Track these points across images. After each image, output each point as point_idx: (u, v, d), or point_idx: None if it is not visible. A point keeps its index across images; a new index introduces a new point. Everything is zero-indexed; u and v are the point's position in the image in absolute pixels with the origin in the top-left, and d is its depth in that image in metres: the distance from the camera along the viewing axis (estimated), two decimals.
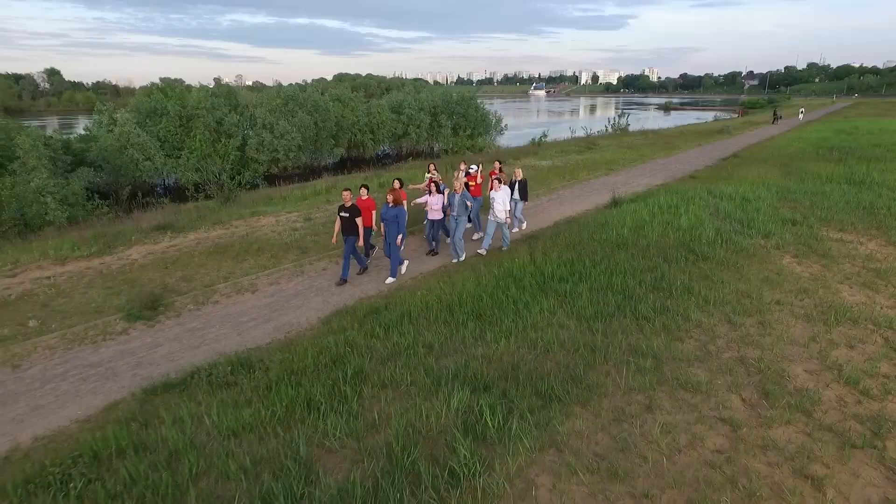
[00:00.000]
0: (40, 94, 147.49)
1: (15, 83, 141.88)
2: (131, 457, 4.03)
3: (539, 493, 3.45)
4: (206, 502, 3.52)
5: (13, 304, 7.84)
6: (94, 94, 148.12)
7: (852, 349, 5.28)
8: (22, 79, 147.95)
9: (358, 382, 4.87)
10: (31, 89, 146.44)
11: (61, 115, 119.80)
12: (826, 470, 3.60)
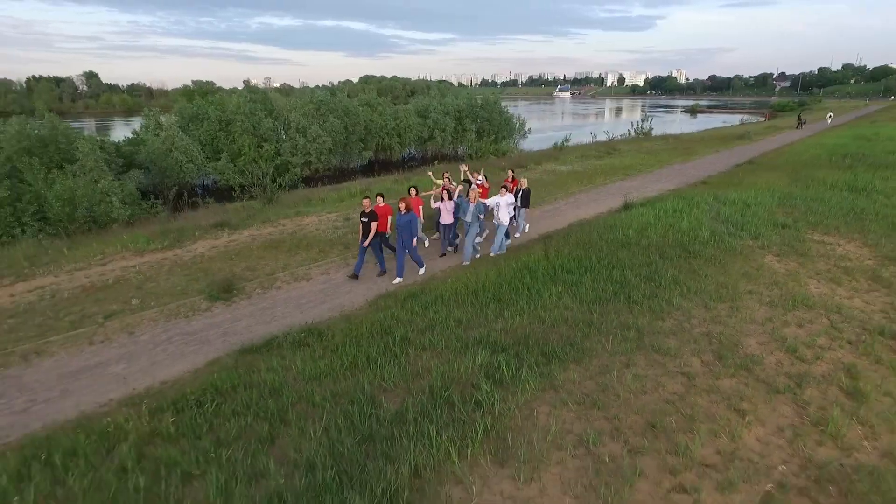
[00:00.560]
0: (79, 97, 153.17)
1: (56, 86, 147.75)
2: (242, 390, 5.55)
3: (539, 416, 4.84)
4: (302, 419, 5.00)
5: (112, 287, 9.52)
6: (129, 97, 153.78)
7: (800, 328, 6.54)
8: (62, 82, 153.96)
9: (404, 345, 6.33)
10: (71, 92, 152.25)
11: (98, 118, 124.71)
12: (752, 406, 4.92)
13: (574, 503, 3.83)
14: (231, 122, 34.21)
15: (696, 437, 4.46)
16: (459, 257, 10.63)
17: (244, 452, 4.48)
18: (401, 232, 9.40)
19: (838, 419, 4.71)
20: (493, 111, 50.79)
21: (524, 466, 4.15)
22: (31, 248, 12.25)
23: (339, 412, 4.99)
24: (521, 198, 12.06)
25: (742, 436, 4.53)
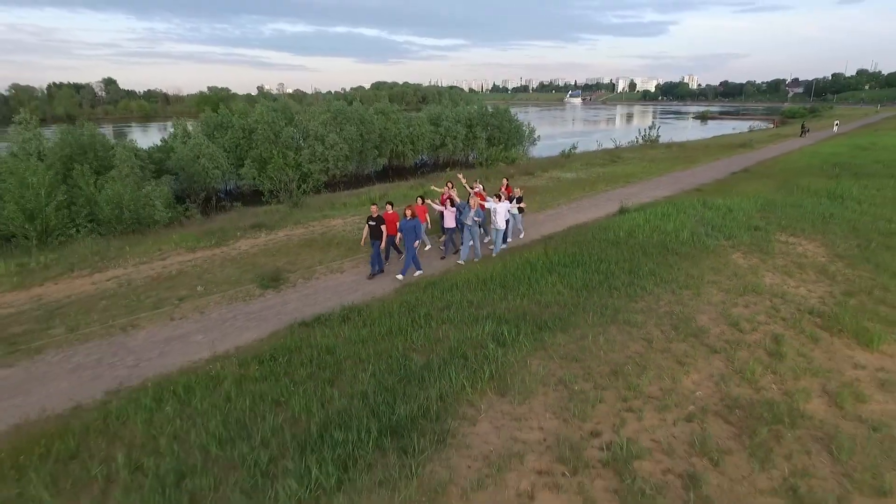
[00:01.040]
0: (97, 103, 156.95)
1: (76, 93, 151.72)
2: (304, 349, 7.24)
3: (531, 365, 6.48)
4: (352, 368, 6.67)
5: (177, 277, 11.30)
6: (146, 103, 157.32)
7: (746, 308, 8.12)
8: (82, 88, 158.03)
9: (427, 319, 8.00)
10: (90, 98, 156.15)
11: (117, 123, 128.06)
12: (693, 361, 6.52)
13: (553, 417, 5.47)
14: (253, 131, 36.21)
15: (646, 379, 6.08)
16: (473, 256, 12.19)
17: (314, 387, 6.17)
18: (406, 235, 10.92)
19: (756, 370, 6.31)
20: (504, 119, 52.50)
21: (518, 395, 5.80)
22: (95, 246, 14.13)
23: (381, 363, 6.67)
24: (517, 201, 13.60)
25: (681, 379, 6.14)
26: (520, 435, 5.18)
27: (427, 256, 12.37)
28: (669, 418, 5.47)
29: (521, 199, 13.40)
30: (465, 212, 11.74)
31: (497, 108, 53.61)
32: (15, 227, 17.83)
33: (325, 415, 5.54)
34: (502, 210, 11.87)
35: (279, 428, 5.40)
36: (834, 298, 8.56)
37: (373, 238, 11.05)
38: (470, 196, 12.04)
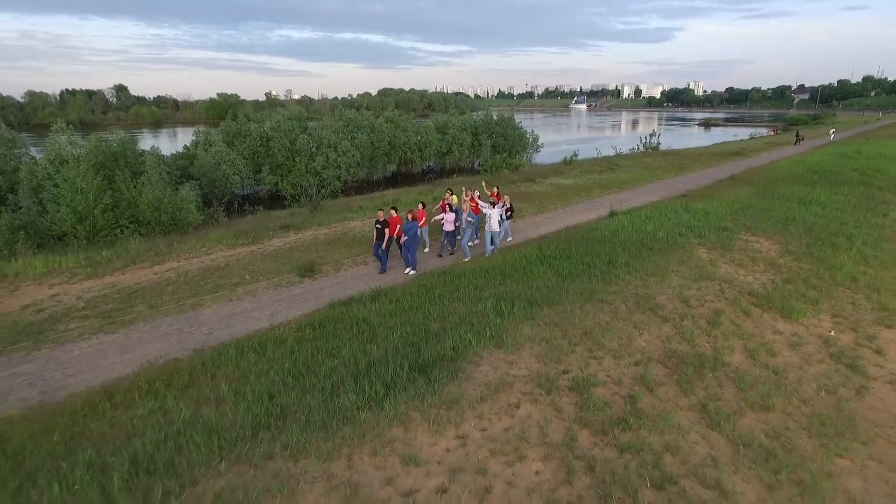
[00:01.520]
0: (109, 109, 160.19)
1: (88, 99, 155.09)
2: (345, 320, 9.24)
3: (522, 329, 8.45)
4: (384, 332, 8.66)
5: (226, 269, 13.36)
6: (157, 109, 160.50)
7: (698, 290, 10.08)
8: (94, 94, 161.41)
9: (441, 298, 10.00)
10: (102, 104, 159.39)
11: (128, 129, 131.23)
12: (647, 327, 8.49)
13: (536, 362, 7.44)
14: (270, 139, 38.41)
15: (608, 338, 8.06)
16: (458, 256, 14.08)
17: (357, 343, 8.18)
18: (407, 236, 12.72)
19: (695, 333, 8.28)
20: (508, 127, 54.56)
21: (511, 348, 7.79)
22: (145, 243, 16.25)
23: (406, 328, 8.67)
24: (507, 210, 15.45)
25: (635, 338, 8.12)
26: (511, 371, 7.17)
27: (426, 255, 14.31)
28: (622, 363, 7.44)
29: (511, 207, 15.36)
30: (461, 215, 13.73)
31: (502, 116, 55.68)
32: (67, 228, 20.00)
33: (368, 359, 7.55)
34: (496, 214, 13.69)
35: (335, 368, 7.42)
36: (773, 284, 10.52)
37: (379, 240, 12.86)
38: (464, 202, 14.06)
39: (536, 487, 5.13)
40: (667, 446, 5.78)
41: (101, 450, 5.72)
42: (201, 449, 5.63)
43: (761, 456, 5.72)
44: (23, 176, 26.45)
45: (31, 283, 12.61)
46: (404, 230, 12.79)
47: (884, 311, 9.63)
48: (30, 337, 9.40)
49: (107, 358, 8.58)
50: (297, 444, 5.64)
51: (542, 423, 6.06)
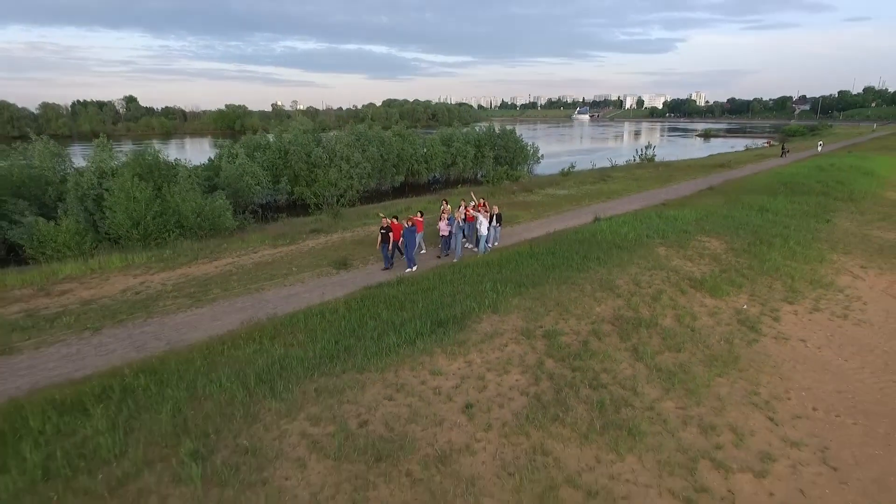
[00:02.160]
0: (118, 119, 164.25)
1: (99, 110, 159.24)
2: (380, 297, 12.32)
3: (512, 302, 11.51)
4: (411, 303, 11.72)
5: (273, 263, 16.46)
6: (166, 120, 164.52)
7: (650, 277, 13.13)
8: (105, 105, 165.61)
9: (450, 282, 13.07)
10: (112, 115, 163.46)
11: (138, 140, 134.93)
12: (604, 300, 11.55)
13: (520, 321, 10.49)
14: (288, 151, 41.72)
15: (574, 307, 11.12)
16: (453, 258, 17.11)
17: (392, 311, 11.24)
18: (406, 239, 15.65)
19: (639, 305, 11.33)
20: (510, 139, 57.83)
21: (503, 313, 10.85)
22: (197, 244, 19.38)
23: (427, 301, 11.74)
24: (495, 219, 18.15)
25: (594, 308, 11.17)
26: (502, 326, 10.23)
27: (424, 256, 17.21)
28: (582, 322, 10.49)
29: (500, 215, 18.27)
30: (453, 222, 16.75)
31: (504, 129, 58.97)
32: (122, 231, 23.17)
33: (401, 319, 10.62)
34: (485, 221, 16.62)
35: (378, 325, 10.48)
36: (710, 272, 13.58)
37: (383, 243, 15.73)
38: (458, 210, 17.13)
39: (515, 386, 8.19)
40: (604, 369, 8.83)
41: (231, 369, 8.79)
42: (297, 368, 8.68)
43: (666, 375, 8.76)
44: (70, 186, 29.77)
45: (117, 275, 15.74)
46: (404, 234, 15.74)
47: (792, 293, 12.69)
48: (140, 310, 12.51)
49: (203, 323, 11.67)
50: (361, 365, 8.70)
51: (521, 355, 9.12)
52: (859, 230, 19.18)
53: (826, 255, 15.65)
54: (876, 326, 11.45)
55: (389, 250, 15.79)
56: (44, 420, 7.16)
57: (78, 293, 14.12)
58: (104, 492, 5.88)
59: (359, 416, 7.32)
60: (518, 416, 7.44)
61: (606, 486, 6.29)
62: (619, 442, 7.03)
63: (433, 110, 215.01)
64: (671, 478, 6.50)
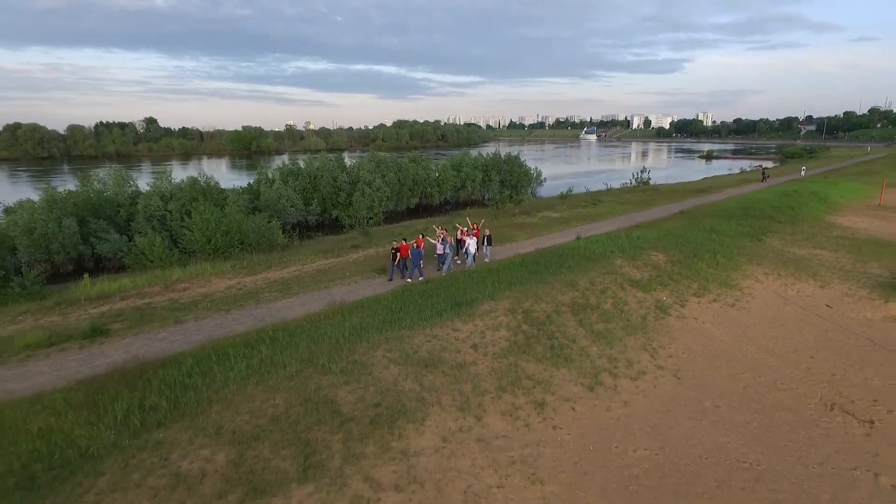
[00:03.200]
0: (139, 140, 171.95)
1: (121, 131, 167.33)
2: (412, 290, 18.14)
3: (504, 294, 17.30)
4: (436, 295, 17.52)
5: (329, 271, 22.37)
6: (185, 141, 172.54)
7: (602, 278, 18.87)
8: (126, 126, 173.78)
9: (461, 283, 18.89)
10: (133, 136, 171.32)
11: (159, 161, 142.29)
12: (567, 293, 17.32)
13: (509, 304, 16.26)
14: (317, 177, 48.01)
15: (545, 296, 16.88)
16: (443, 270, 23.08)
17: (424, 298, 17.05)
18: (413, 257, 21.44)
19: (590, 296, 17.10)
20: (514, 164, 63.95)
21: (498, 300, 16.64)
22: (263, 256, 25.36)
23: (447, 294, 17.54)
24: (486, 239, 23.89)
25: (558, 297, 16.94)
26: (496, 307, 16.02)
27: (425, 269, 23.25)
28: (549, 306, 16.25)
29: (490, 237, 24.02)
30: (446, 244, 22.53)
31: (509, 155, 65.16)
32: (197, 247, 29.21)
33: (431, 303, 16.42)
34: (473, 242, 22.39)
35: (416, 306, 16.27)
36: (647, 276, 19.30)
37: (393, 260, 21.56)
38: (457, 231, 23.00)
39: (503, 337, 13.99)
40: (557, 330, 14.59)
41: (330, 329, 14.59)
42: (370, 328, 14.46)
43: (596, 334, 14.52)
44: (140, 208, 36.16)
45: (214, 278, 21.70)
46: (412, 252, 21.43)
47: (702, 290, 18.41)
48: (248, 300, 18.40)
49: (296, 308, 17.51)
50: (409, 325, 14.50)
51: (507, 322, 14.91)
52: (781, 247, 24.86)
53: (741, 266, 21.35)
54: (752, 312, 17.15)
55: (396, 264, 21.49)
56: (239, 350, 13.00)
57: (195, 290, 20.09)
58: (287, 379, 11.66)
59: (412, 349, 13.11)
60: (503, 350, 13.23)
61: (547, 380, 12.05)
62: (558, 363, 12.80)
63: (442, 131, 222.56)
64: (583, 378, 12.26)
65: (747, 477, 9.41)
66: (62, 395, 10.94)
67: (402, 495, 8.38)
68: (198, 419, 9.90)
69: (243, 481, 8.30)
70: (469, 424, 10.38)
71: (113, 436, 9.37)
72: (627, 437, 10.55)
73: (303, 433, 9.50)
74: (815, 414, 11.50)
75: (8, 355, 13.59)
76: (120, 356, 13.40)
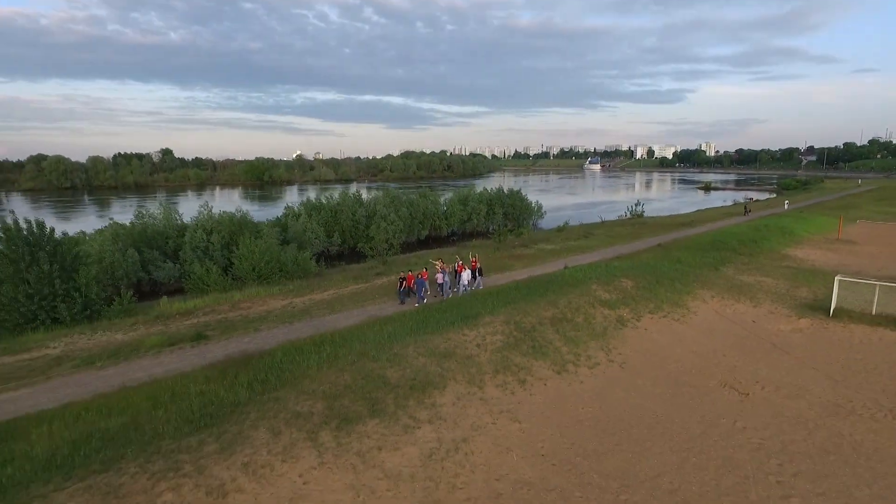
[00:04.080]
0: (155, 170, 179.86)
1: (139, 161, 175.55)
2: (431, 307, 23.74)
3: (501, 310, 22.87)
4: (449, 312, 23.08)
5: (362, 293, 28.04)
6: (200, 171, 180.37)
7: (579, 300, 24.42)
8: (143, 158, 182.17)
9: (468, 303, 24.49)
10: (149, 166, 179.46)
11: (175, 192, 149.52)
12: (550, 310, 22.90)
13: (504, 318, 21.81)
14: (338, 212, 54.09)
15: (532, 312, 22.47)
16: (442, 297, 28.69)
17: (440, 314, 22.64)
18: (417, 285, 27.07)
19: (567, 312, 22.66)
20: (516, 199, 70.05)
21: (495, 315, 22.21)
22: (304, 282, 31.10)
23: (458, 311, 23.12)
24: (478, 270, 29.58)
25: (542, 313, 22.51)
26: (494, 320, 21.60)
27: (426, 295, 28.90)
28: (535, 319, 21.79)
29: (481, 269, 29.65)
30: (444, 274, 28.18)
31: (511, 190, 71.27)
32: (244, 274, 35.01)
33: (447, 317, 21.99)
34: (466, 274, 28.05)
35: (435, 320, 21.83)
36: (615, 297, 24.82)
37: (400, 287, 27.28)
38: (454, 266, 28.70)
39: (498, 339, 19.54)
40: (541, 336, 20.13)
41: (372, 334, 20.15)
42: (402, 334, 20.00)
43: (567, 339, 20.07)
44: (187, 240, 42.18)
45: (268, 299, 27.39)
46: (416, 281, 27.05)
47: (657, 308, 23.93)
48: (302, 315, 24.00)
49: (342, 321, 23.07)
50: (431, 332, 20.04)
51: (502, 330, 20.46)
52: (733, 275, 30.38)
53: (694, 290, 26.87)
54: (691, 325, 22.63)
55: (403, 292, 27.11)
56: (310, 347, 18.54)
57: (256, 308, 25.79)
58: (349, 364, 17.18)
59: (434, 346, 18.64)
60: (498, 347, 18.76)
61: (528, 367, 17.58)
62: (537, 356, 18.33)
63: (448, 162, 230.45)
64: (554, 366, 17.78)
65: (651, 423, 14.81)
66: (201, 373, 16.58)
67: (433, 425, 13.87)
68: (297, 386, 15.45)
69: (336, 416, 13.82)
70: (474, 391, 15.89)
71: (246, 395, 14.93)
72: (579, 400, 16.00)
73: (367, 394, 15.04)
74: (711, 389, 16.89)
75: (144, 352, 19.26)
76: (223, 352, 19.03)
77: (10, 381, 16.94)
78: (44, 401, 15.22)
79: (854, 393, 16.59)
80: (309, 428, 13.26)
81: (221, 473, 11.34)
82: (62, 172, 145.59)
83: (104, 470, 11.25)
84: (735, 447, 13.63)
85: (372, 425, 13.65)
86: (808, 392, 16.68)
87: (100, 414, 13.99)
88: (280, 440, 12.70)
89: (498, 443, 13.59)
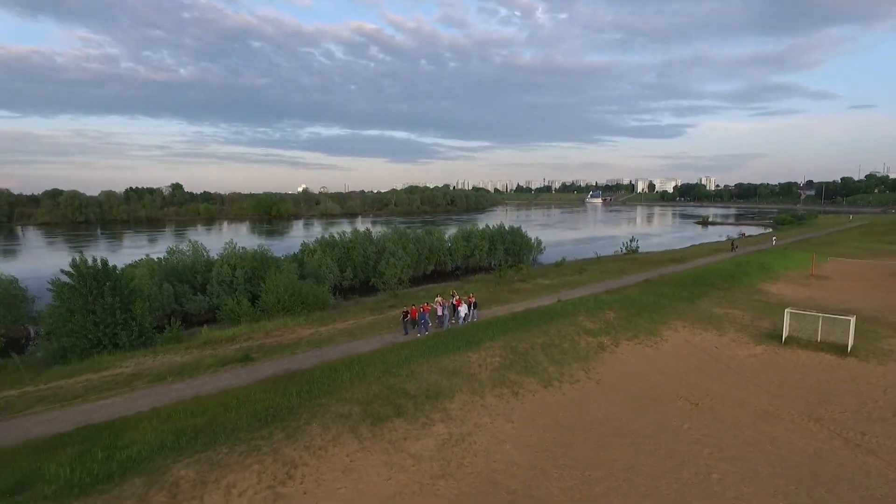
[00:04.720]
0: (166, 205, 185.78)
1: (150, 195, 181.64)
2: (440, 335, 28.00)
3: (499, 338, 27.11)
4: (455, 339, 27.31)
5: (377, 323, 32.36)
6: (209, 205, 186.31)
7: (567, 328, 28.66)
8: (154, 192, 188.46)
9: (471, 332, 28.76)
10: (160, 200, 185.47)
11: (185, 225, 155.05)
12: (541, 338, 27.13)
13: (502, 343, 26.04)
14: (351, 248, 58.72)
15: (526, 339, 26.70)
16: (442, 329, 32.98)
17: (447, 341, 26.89)
18: (420, 317, 31.29)
19: (556, 339, 26.91)
20: (517, 235, 74.69)
21: (495, 341, 26.46)
22: (323, 314, 35.48)
23: (464, 338, 27.37)
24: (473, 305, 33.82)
25: (534, 340, 26.76)
26: (494, 346, 25.88)
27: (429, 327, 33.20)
28: (528, 345, 26.04)
29: (476, 303, 33.93)
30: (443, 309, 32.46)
31: (512, 227, 75.97)
32: (269, 306, 39.37)
33: (455, 343, 26.21)
34: (463, 308, 32.29)
35: (444, 345, 26.07)
36: (599, 327, 29.05)
37: (404, 319, 31.45)
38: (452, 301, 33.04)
39: (496, 360, 23.76)
40: (532, 359, 24.35)
41: (391, 358, 24.37)
42: (417, 356, 24.21)
43: (554, 360, 24.27)
44: (214, 275, 46.68)
45: (296, 328, 31.69)
46: (419, 315, 31.28)
47: (633, 336, 28.16)
48: (329, 342, 28.24)
49: (363, 346, 27.29)
50: (440, 355, 24.27)
51: (500, 353, 24.68)
52: (707, 308, 34.61)
53: (669, 321, 31.07)
54: (661, 350, 26.80)
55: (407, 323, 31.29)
56: (342, 366, 22.77)
57: (287, 335, 30.09)
58: (375, 379, 21.37)
59: (443, 366, 22.85)
60: (496, 367, 22.98)
61: (520, 383, 21.79)
62: (528, 374, 22.54)
63: (452, 196, 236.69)
64: (542, 382, 22.00)
65: (616, 425, 18.94)
66: (256, 386, 20.83)
67: (445, 423, 18.05)
68: (335, 395, 19.66)
69: (370, 416, 18.02)
70: (476, 400, 20.08)
71: (297, 401, 19.14)
72: (560, 408, 20.15)
73: (392, 400, 19.25)
74: (668, 401, 21.02)
75: (203, 370, 23.53)
76: (269, 370, 23.27)
77: (102, 391, 21.21)
78: (135, 406, 19.47)
79: (783, 403, 20.73)
80: (350, 424, 17.49)
81: (290, 453, 15.55)
82: (77, 207, 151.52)
83: (204, 450, 15.49)
84: (678, 442, 17.76)
85: (398, 423, 17.86)
86: (746, 403, 20.81)
87: (185, 414, 18.24)
88: (329, 432, 16.92)
89: (495, 437, 17.76)
